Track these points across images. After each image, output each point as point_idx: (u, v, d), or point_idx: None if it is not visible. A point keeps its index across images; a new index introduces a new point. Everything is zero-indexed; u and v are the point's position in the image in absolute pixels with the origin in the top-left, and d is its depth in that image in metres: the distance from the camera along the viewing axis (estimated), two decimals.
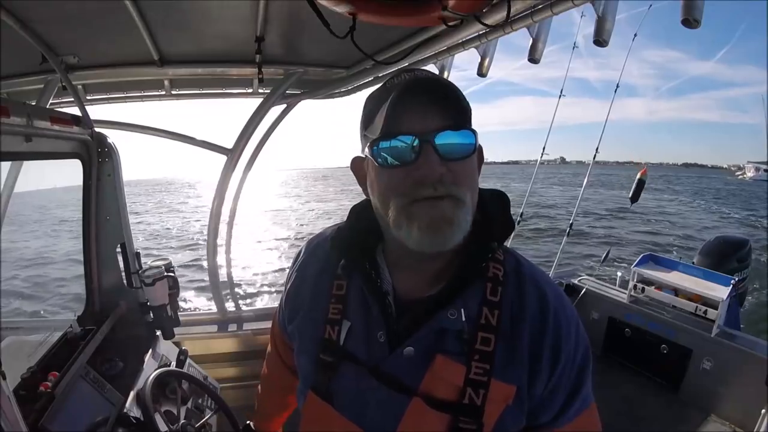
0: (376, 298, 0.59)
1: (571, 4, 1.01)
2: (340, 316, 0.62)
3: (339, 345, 0.60)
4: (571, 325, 0.58)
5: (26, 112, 1.07)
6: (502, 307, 0.57)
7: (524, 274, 0.60)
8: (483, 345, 0.55)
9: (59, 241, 8.82)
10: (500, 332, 0.56)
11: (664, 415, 2.19)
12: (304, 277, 0.70)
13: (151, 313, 1.53)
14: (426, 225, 0.50)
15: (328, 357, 0.61)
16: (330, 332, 0.61)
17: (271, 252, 11.72)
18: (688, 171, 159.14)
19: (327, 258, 0.67)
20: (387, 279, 0.60)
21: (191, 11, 1.23)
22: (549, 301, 0.58)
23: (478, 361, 0.54)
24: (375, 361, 0.58)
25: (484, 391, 0.54)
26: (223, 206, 1.95)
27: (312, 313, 0.65)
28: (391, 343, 0.57)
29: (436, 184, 0.50)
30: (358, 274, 0.61)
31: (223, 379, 1.78)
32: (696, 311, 2.31)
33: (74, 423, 0.97)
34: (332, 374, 0.60)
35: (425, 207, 0.51)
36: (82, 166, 1.46)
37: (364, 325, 0.60)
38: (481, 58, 1.50)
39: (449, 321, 0.55)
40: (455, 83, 0.57)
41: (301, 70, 1.73)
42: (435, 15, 0.98)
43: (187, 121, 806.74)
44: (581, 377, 0.59)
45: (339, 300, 0.63)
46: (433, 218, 0.50)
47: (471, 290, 0.57)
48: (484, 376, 0.54)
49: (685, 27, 0.86)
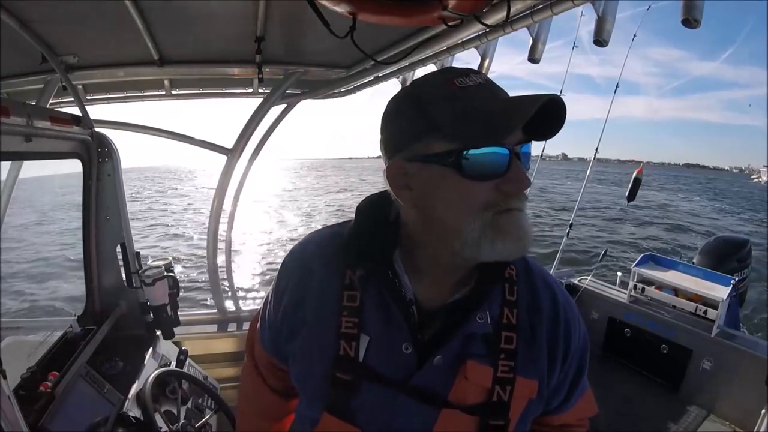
0: (400, 307, 0.55)
1: (571, 4, 1.01)
2: (357, 330, 0.57)
3: (358, 362, 0.56)
4: (577, 319, 0.62)
5: (26, 112, 1.07)
6: (519, 305, 0.58)
7: (534, 273, 0.62)
8: (507, 344, 0.56)
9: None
10: (520, 330, 0.57)
11: (664, 415, 2.19)
12: (303, 291, 0.63)
13: (151, 313, 1.53)
14: (517, 237, 0.49)
15: (346, 375, 0.56)
16: (346, 348, 0.57)
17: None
18: (691, 171, 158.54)
19: (330, 270, 0.61)
20: (408, 287, 0.57)
21: (191, 11, 1.23)
22: (559, 298, 0.61)
23: (504, 360, 0.56)
24: (402, 373, 0.55)
25: (510, 387, 0.55)
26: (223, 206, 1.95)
27: (319, 330, 0.59)
28: (419, 354, 0.55)
29: (521, 196, 0.50)
30: (379, 283, 0.56)
31: (223, 379, 1.78)
32: (696, 311, 2.31)
33: (74, 423, 0.97)
34: (353, 394, 0.56)
35: (514, 218, 0.49)
36: (82, 166, 1.47)
37: (385, 337, 0.56)
38: (481, 58, 1.50)
39: (477, 325, 0.55)
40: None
41: (301, 70, 1.73)
42: (435, 15, 0.98)
43: (187, 120, 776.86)
44: (583, 366, 0.63)
45: (353, 312, 0.58)
46: (523, 229, 0.50)
47: (493, 291, 0.58)
48: (510, 373, 0.56)
49: (685, 27, 0.86)
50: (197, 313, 2.17)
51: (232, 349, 2.00)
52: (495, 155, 0.47)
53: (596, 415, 0.70)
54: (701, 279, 2.48)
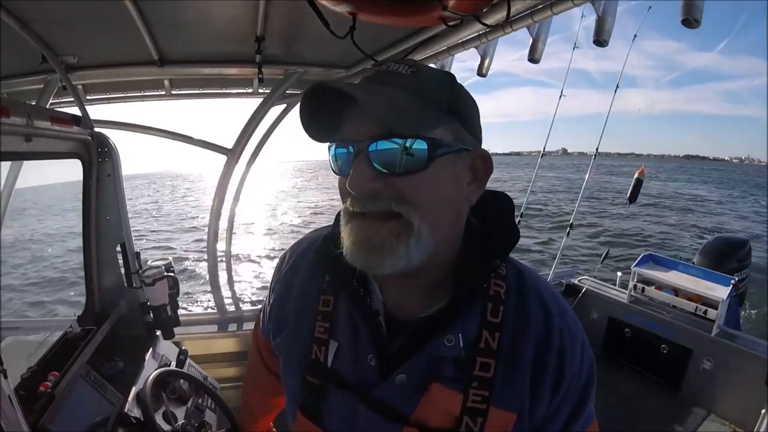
0: (364, 318, 0.54)
1: (571, 4, 1.01)
2: (327, 336, 0.56)
3: (327, 367, 0.56)
4: (576, 344, 0.54)
5: (26, 112, 1.07)
6: (503, 328, 0.52)
7: (527, 290, 0.55)
8: (482, 371, 0.50)
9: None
10: (501, 355, 0.51)
11: (664, 415, 2.19)
12: (289, 289, 0.64)
13: (151, 313, 1.53)
14: (351, 244, 0.47)
15: (315, 379, 0.56)
16: (317, 353, 0.56)
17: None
18: (691, 163, 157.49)
19: (313, 270, 0.61)
20: (377, 296, 0.55)
21: (191, 11, 1.22)
22: (554, 320, 0.53)
23: (476, 389, 0.50)
24: (365, 385, 0.53)
25: (482, 419, 0.50)
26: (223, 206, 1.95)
27: (298, 331, 0.60)
28: (382, 367, 0.52)
29: (365, 201, 0.45)
30: (345, 291, 0.55)
31: (223, 379, 1.78)
32: (696, 311, 2.32)
33: (74, 423, 0.97)
34: (321, 397, 0.56)
35: (356, 225, 0.47)
36: (82, 166, 1.46)
37: (352, 345, 0.55)
38: (481, 58, 1.50)
39: (446, 348, 0.50)
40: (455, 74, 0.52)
41: (301, 70, 1.73)
42: (435, 15, 0.98)
43: (188, 120, 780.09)
44: (585, 397, 0.55)
45: (325, 317, 0.57)
46: (360, 240, 0.46)
47: (469, 311, 0.52)
48: (483, 403, 0.50)
49: (685, 27, 0.86)
50: (197, 313, 2.17)
51: (232, 349, 2.00)
52: (339, 150, 0.48)
53: None
54: (701, 279, 2.48)
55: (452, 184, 0.48)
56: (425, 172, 0.44)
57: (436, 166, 0.45)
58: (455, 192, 0.49)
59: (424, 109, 0.45)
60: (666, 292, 2.48)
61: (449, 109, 0.47)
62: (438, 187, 0.46)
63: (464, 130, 0.49)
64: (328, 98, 0.46)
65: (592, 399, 0.56)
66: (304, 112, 0.47)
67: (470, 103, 0.51)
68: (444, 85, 0.48)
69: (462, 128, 0.49)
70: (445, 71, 0.54)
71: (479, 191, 0.52)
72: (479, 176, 0.51)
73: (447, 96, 0.47)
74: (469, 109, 0.50)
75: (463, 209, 0.51)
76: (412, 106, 0.44)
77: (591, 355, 0.56)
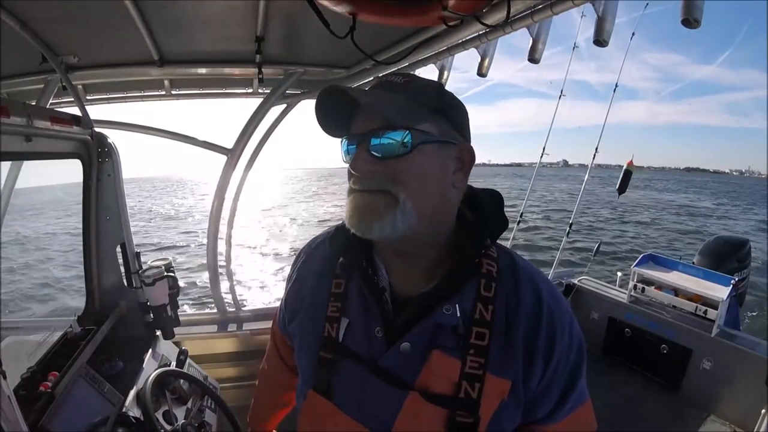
0: (373, 295, 0.60)
1: (571, 4, 1.01)
2: (339, 314, 0.63)
3: (338, 342, 0.62)
4: (564, 322, 0.59)
5: (26, 112, 1.07)
6: (496, 302, 0.58)
7: (519, 271, 0.61)
8: (478, 339, 0.56)
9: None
10: (495, 327, 0.57)
11: (664, 415, 2.19)
12: (304, 277, 0.72)
13: (151, 313, 1.53)
14: (348, 211, 0.56)
15: (328, 354, 0.62)
16: (329, 330, 0.63)
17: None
18: (692, 175, 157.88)
19: (327, 258, 0.69)
20: (384, 276, 0.62)
21: (191, 11, 1.22)
22: (544, 297, 0.59)
23: (473, 355, 0.56)
24: (374, 356, 0.59)
25: (479, 384, 0.55)
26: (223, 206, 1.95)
27: (312, 313, 0.66)
28: (389, 338, 0.59)
29: (362, 180, 0.55)
30: (356, 271, 0.63)
31: (223, 379, 1.78)
32: (696, 311, 2.32)
33: (74, 423, 0.97)
34: (333, 372, 0.61)
35: (354, 197, 0.56)
36: (82, 166, 1.46)
37: (362, 321, 0.61)
38: (481, 58, 1.50)
39: (444, 316, 0.56)
40: (455, 84, 0.57)
41: (301, 70, 1.73)
42: (435, 15, 0.98)
43: (189, 120, 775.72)
44: (576, 374, 0.60)
45: (338, 298, 0.64)
46: (354, 207, 0.55)
47: (466, 286, 0.58)
48: (479, 369, 0.55)
49: (685, 27, 0.86)
50: (197, 313, 2.17)
51: (232, 349, 2.00)
52: (345, 143, 0.59)
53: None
54: (701, 279, 2.48)
55: (435, 168, 0.56)
56: (410, 155, 0.53)
57: (420, 152, 0.54)
58: (439, 176, 0.56)
59: (411, 108, 0.55)
60: (666, 292, 2.48)
61: (436, 109, 0.56)
62: (421, 169, 0.54)
63: (450, 128, 0.57)
64: (340, 102, 0.55)
65: (582, 380, 0.61)
66: (320, 114, 0.57)
67: (457, 107, 0.59)
68: (431, 90, 0.58)
69: (448, 126, 0.57)
70: (435, 81, 0.63)
71: (465, 178, 0.60)
72: (465, 166, 0.59)
73: (434, 99, 0.57)
74: (455, 111, 0.59)
75: (446, 191, 0.58)
76: (403, 104, 0.55)
77: (580, 336, 0.62)
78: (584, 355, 0.61)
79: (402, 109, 0.54)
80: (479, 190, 0.65)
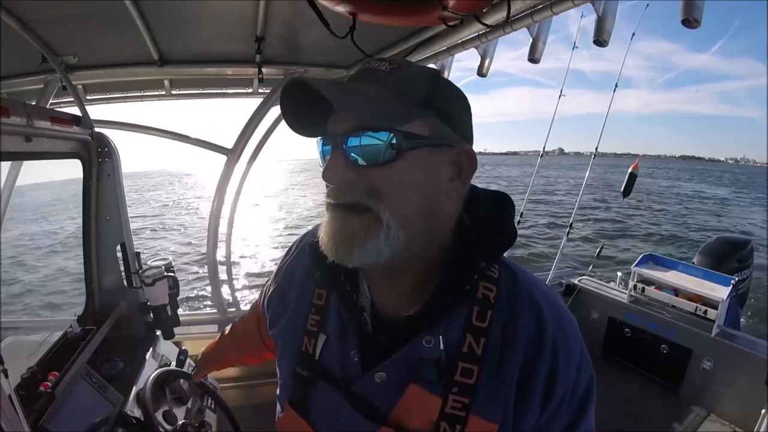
0: (350, 314, 0.54)
1: (571, 3, 1.01)
2: (317, 329, 0.57)
3: (314, 359, 0.56)
4: (570, 355, 0.50)
5: (26, 112, 1.07)
6: (490, 333, 0.49)
7: (520, 293, 0.51)
8: (464, 377, 0.48)
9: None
10: (486, 362, 0.48)
11: (664, 415, 2.19)
12: (291, 276, 0.65)
13: (151, 313, 1.53)
14: (324, 235, 0.48)
15: (304, 371, 0.57)
16: (307, 345, 0.57)
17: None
18: (686, 163, 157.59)
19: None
20: (365, 294, 0.55)
21: (191, 11, 1.22)
22: (547, 326, 0.49)
23: (456, 394, 0.48)
24: (348, 380, 0.53)
25: (460, 426, 0.47)
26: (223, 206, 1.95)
27: (293, 322, 0.61)
28: (365, 364, 0.52)
29: (338, 192, 0.46)
30: (333, 286, 0.56)
31: (223, 379, 1.78)
32: (696, 311, 2.32)
33: (74, 423, 0.97)
34: (310, 389, 0.56)
35: (330, 216, 0.48)
36: (82, 166, 1.46)
37: (339, 340, 0.55)
38: (481, 58, 1.50)
39: (425, 349, 0.48)
40: (450, 74, 0.52)
41: (301, 70, 1.73)
42: (435, 15, 0.98)
43: (189, 119, 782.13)
44: (580, 415, 0.51)
45: (318, 311, 0.58)
46: (331, 230, 0.47)
47: (453, 313, 0.49)
48: (462, 410, 0.47)
49: (685, 27, 0.86)
50: (197, 313, 2.17)
51: None
52: (321, 144, 0.50)
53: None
54: (701, 279, 2.48)
55: (426, 179, 0.47)
56: (394, 164, 0.45)
57: (406, 159, 0.45)
58: (429, 186, 0.47)
59: (396, 104, 0.45)
60: (666, 292, 2.48)
61: (427, 103, 0.46)
62: (407, 180, 0.46)
63: (445, 125, 0.48)
64: (311, 96, 0.45)
65: (590, 416, 0.52)
66: (285, 111, 0.49)
67: (454, 99, 0.50)
68: (422, 80, 0.47)
69: (442, 123, 0.47)
70: (428, 68, 0.53)
71: (463, 188, 0.50)
72: (463, 173, 0.49)
73: (424, 91, 0.47)
74: (451, 105, 0.49)
75: (440, 205, 0.49)
76: (385, 101, 0.45)
77: (590, 367, 0.52)
78: (593, 394, 0.51)
79: (384, 105, 0.45)
80: (482, 192, 0.55)
